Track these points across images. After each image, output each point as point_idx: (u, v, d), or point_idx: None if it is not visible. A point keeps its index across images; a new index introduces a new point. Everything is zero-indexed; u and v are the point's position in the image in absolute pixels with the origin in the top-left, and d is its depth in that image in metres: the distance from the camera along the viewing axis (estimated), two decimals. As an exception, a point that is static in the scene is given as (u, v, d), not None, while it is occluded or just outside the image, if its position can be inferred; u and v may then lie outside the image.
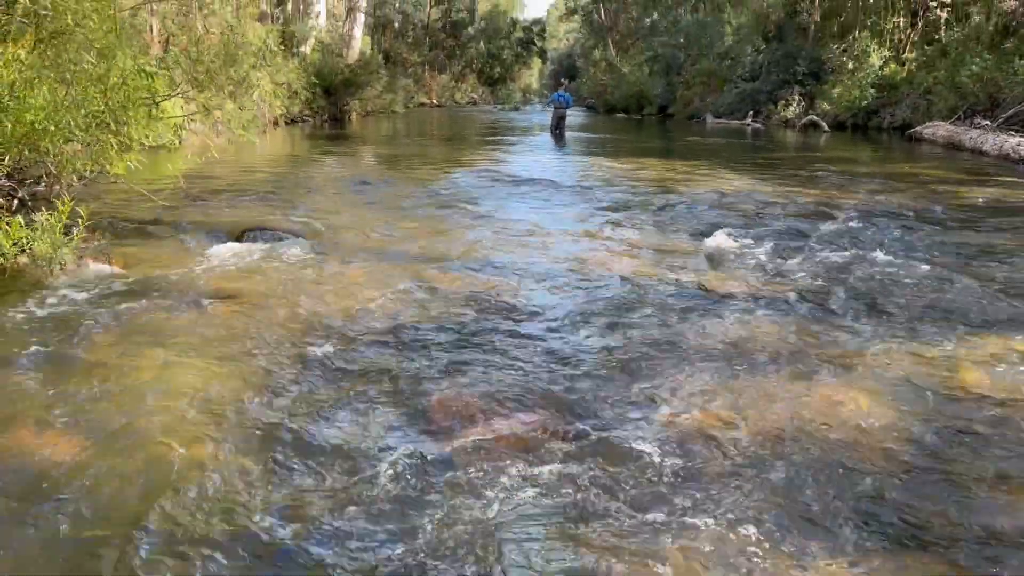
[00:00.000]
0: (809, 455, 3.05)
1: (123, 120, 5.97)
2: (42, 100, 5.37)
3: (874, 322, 4.63)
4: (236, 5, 22.10)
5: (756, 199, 9.20)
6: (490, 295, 5.22)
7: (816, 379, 3.78)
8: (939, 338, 4.32)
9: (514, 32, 67.57)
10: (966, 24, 22.00)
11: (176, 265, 5.87)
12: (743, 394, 3.61)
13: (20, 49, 5.82)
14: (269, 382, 3.71)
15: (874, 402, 3.52)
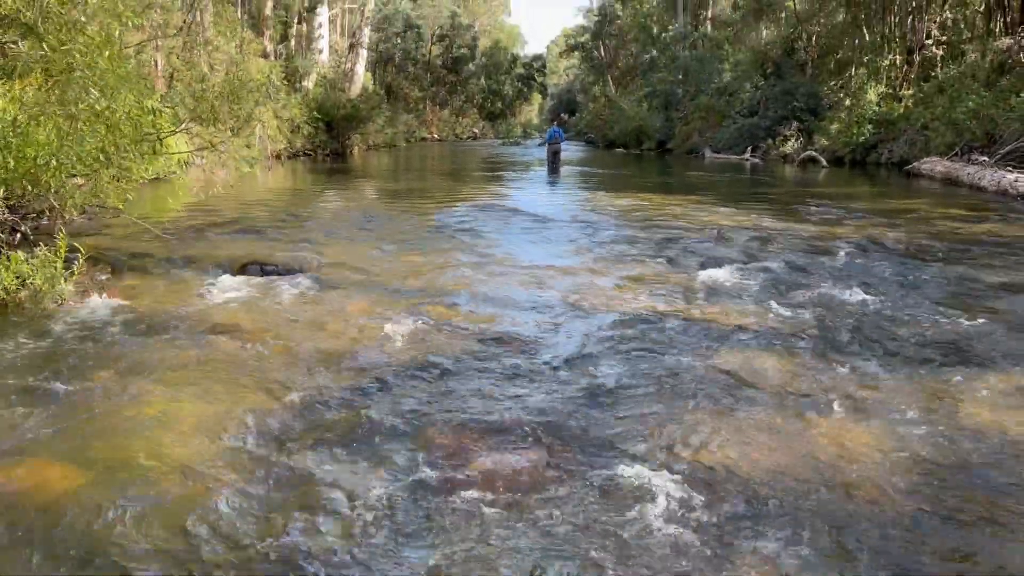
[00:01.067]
0: (812, 494, 3.03)
1: (125, 155, 6.01)
2: (45, 136, 5.41)
3: (876, 358, 4.61)
4: (240, 41, 22.37)
5: (755, 234, 9.23)
6: (488, 329, 5.21)
7: (818, 416, 3.76)
8: (941, 374, 4.30)
9: (515, 68, 68.32)
10: (962, 62, 22.25)
11: (176, 299, 5.87)
12: (743, 430, 3.59)
13: (27, 87, 5.88)
14: (266, 417, 3.69)
15: (877, 439, 3.49)
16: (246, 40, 24.41)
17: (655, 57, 41.97)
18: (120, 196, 6.29)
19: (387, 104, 39.87)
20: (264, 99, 8.01)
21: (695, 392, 4.07)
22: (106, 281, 6.26)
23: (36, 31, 6.75)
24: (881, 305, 5.82)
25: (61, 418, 3.60)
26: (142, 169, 6.33)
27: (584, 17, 60.32)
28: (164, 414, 3.70)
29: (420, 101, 55.82)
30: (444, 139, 55.98)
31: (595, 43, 56.77)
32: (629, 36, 50.72)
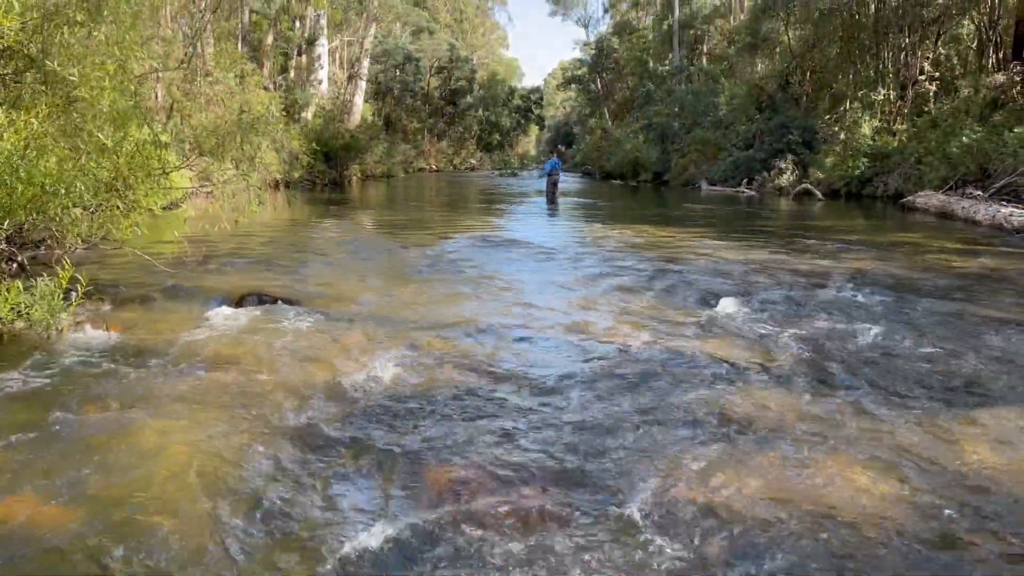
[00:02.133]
0: (810, 533, 3.01)
1: (133, 187, 6.04)
2: (52, 165, 5.43)
3: (874, 394, 4.61)
4: (240, 73, 22.56)
5: (752, 267, 9.25)
6: (487, 364, 5.20)
7: (816, 453, 3.74)
8: (941, 411, 4.29)
9: (512, 100, 68.97)
10: (955, 97, 22.50)
11: (173, 330, 5.86)
12: (743, 468, 3.57)
13: (33, 117, 5.91)
14: (262, 452, 3.66)
15: (877, 478, 3.48)
16: (246, 72, 24.62)
17: (651, 90, 42.40)
18: (128, 229, 6.29)
19: (385, 135, 40.19)
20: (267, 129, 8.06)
21: (693, 428, 4.06)
22: (103, 312, 6.24)
23: (39, 63, 6.82)
24: (879, 340, 5.83)
25: (54, 452, 3.58)
26: (151, 201, 6.34)
27: (581, 51, 61.04)
28: (159, 448, 3.67)
29: (418, 132, 56.27)
30: (442, 170, 56.31)
31: (592, 76, 57.37)
32: (626, 70, 51.32)
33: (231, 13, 28.34)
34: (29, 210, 5.51)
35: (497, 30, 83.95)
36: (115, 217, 6.19)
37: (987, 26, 23.57)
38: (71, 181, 5.43)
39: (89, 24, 6.49)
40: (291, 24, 33.00)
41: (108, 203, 6.17)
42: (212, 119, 16.70)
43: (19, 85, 7.01)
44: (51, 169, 5.36)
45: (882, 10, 25.68)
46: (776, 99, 31.15)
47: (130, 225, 6.23)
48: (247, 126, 7.37)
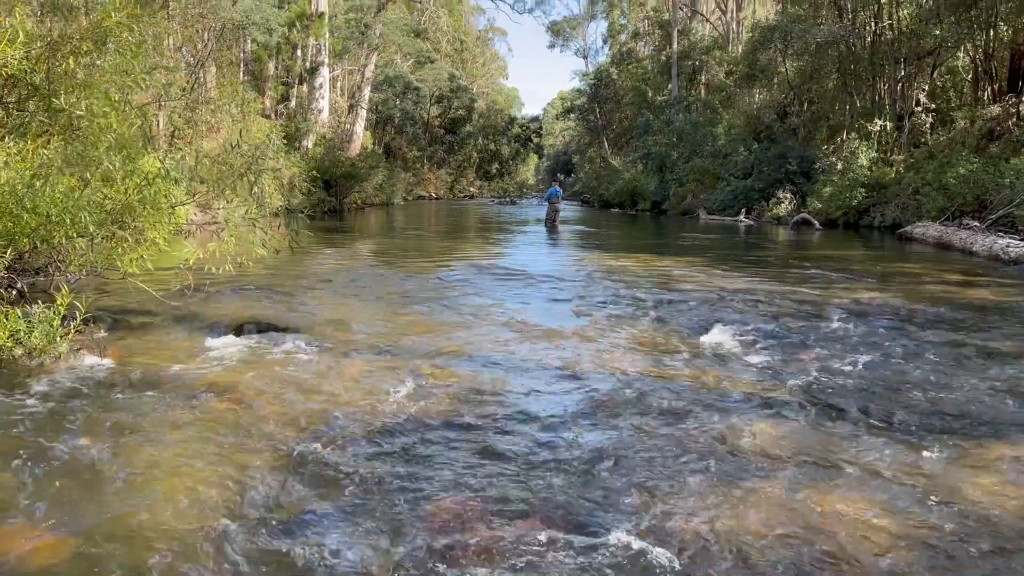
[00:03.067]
0: (809, 567, 2.98)
1: (141, 219, 6.06)
2: (59, 194, 5.45)
3: (873, 426, 4.59)
4: (242, 101, 22.73)
5: (751, 297, 9.26)
6: (486, 394, 5.18)
7: (815, 486, 3.72)
8: (940, 444, 4.27)
9: (512, 129, 69.43)
10: (951, 128, 22.67)
11: (172, 359, 5.85)
12: (743, 502, 3.55)
13: (40, 147, 5.95)
14: (260, 485, 3.64)
15: (878, 511, 3.45)
16: (247, 100, 24.81)
17: (650, 120, 42.68)
18: (134, 262, 6.29)
19: (385, 163, 40.38)
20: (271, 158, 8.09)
21: (692, 460, 4.04)
22: (102, 340, 6.23)
23: (42, 91, 6.87)
24: (878, 372, 5.82)
25: (49, 482, 3.55)
26: (158, 235, 6.35)
27: (580, 81, 61.58)
28: (155, 478, 3.65)
29: (418, 160, 56.53)
30: (441, 198, 56.52)
31: (591, 106, 57.81)
32: (624, 100, 51.71)
33: (233, 43, 28.61)
34: (33, 238, 5.52)
35: (497, 60, 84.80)
36: (121, 249, 6.19)
37: (982, 59, 23.81)
38: (77, 211, 5.44)
39: (93, 53, 6.55)
40: (291, 54, 33.31)
41: (114, 235, 6.18)
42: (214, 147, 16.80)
43: (22, 113, 7.06)
44: (57, 198, 5.38)
45: (878, 43, 25.96)
46: (774, 129, 31.37)
47: (136, 257, 6.23)
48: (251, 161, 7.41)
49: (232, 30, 25.12)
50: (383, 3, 39.01)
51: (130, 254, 6.20)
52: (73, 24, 6.83)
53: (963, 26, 22.78)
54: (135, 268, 6.27)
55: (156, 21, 16.44)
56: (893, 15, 25.33)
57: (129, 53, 6.53)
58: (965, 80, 26.21)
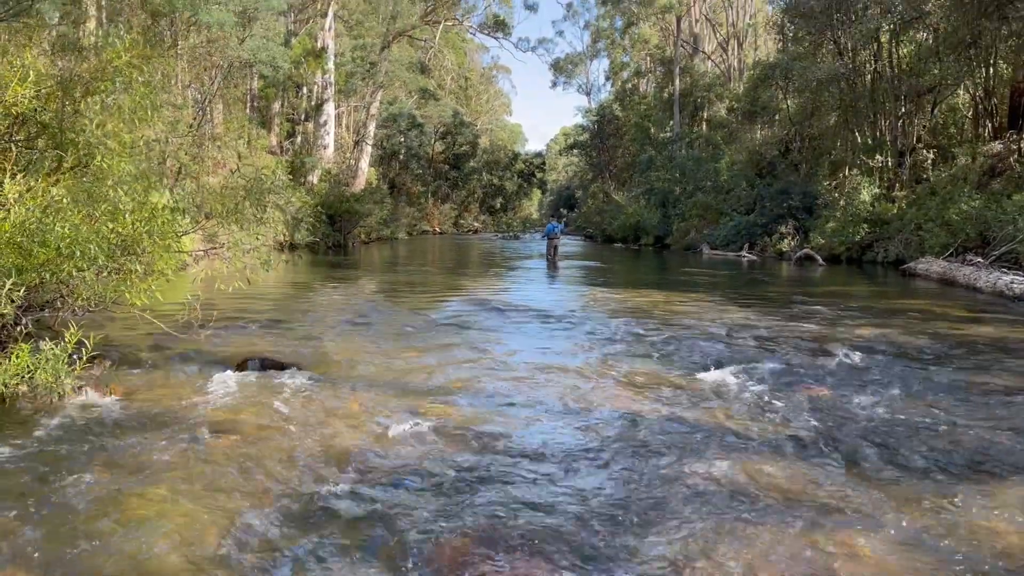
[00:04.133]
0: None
1: (148, 251, 6.09)
2: (68, 228, 5.48)
3: (881, 466, 4.56)
4: (248, 137, 22.95)
5: (755, 333, 9.24)
6: (490, 431, 5.16)
7: (823, 527, 3.68)
8: (948, 484, 4.23)
9: (515, 164, 69.93)
10: (952, 165, 22.79)
11: (175, 395, 5.84)
12: (749, 543, 3.51)
13: (51, 185, 6.01)
14: (260, 523, 3.61)
15: (886, 553, 3.41)
16: (253, 136, 25.04)
17: (653, 156, 42.98)
18: (143, 294, 6.30)
19: (390, 198, 40.63)
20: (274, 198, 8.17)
21: (698, 500, 4.00)
22: (105, 375, 6.23)
23: (52, 129, 6.95)
24: (884, 410, 5.78)
25: (49, 523, 3.53)
26: (165, 265, 6.38)
27: (583, 117, 62.17)
28: (156, 518, 3.62)
29: (422, 195, 56.90)
30: (445, 232, 56.77)
31: (594, 142, 58.27)
32: (627, 136, 52.12)
33: (240, 80, 28.98)
34: (42, 272, 5.55)
35: (501, 97, 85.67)
36: (130, 280, 6.21)
37: (982, 96, 24.01)
38: (86, 243, 5.47)
39: (103, 92, 6.64)
40: (296, 92, 33.70)
41: (123, 267, 6.21)
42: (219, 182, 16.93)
43: (31, 151, 7.13)
44: (66, 233, 5.41)
45: (878, 80, 26.21)
46: (776, 165, 31.58)
47: (145, 290, 6.25)
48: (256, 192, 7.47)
49: (239, 68, 25.45)
50: (388, 41, 39.56)
51: (139, 285, 6.22)
52: (84, 64, 6.91)
53: (963, 64, 23.01)
54: (143, 299, 6.29)
55: (165, 60, 16.68)
56: (893, 53, 25.61)
57: (138, 93, 6.62)
58: (966, 117, 26.41)
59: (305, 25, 35.08)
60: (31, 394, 5.42)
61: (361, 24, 40.13)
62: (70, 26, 15.45)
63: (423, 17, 41.70)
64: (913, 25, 24.14)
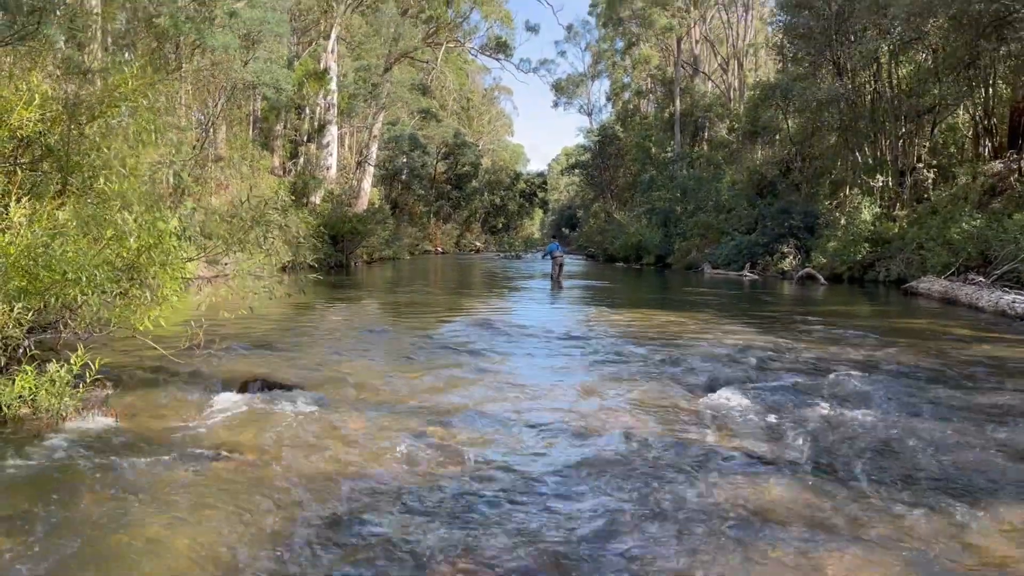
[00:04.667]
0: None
1: (154, 276, 6.11)
2: (74, 252, 5.51)
3: (885, 488, 4.54)
4: (250, 159, 23.07)
5: (757, 353, 9.23)
6: (489, 453, 5.15)
7: (828, 550, 3.67)
8: (953, 506, 4.21)
9: (517, 184, 70.22)
10: (953, 184, 22.85)
11: (177, 417, 5.84)
12: (752, 564, 3.50)
13: (56, 208, 6.05)
14: (261, 548, 3.60)
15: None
16: (256, 158, 25.17)
17: (654, 176, 43.16)
18: (148, 320, 6.31)
19: (392, 218, 40.76)
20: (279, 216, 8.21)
21: (701, 523, 3.99)
22: (107, 397, 6.23)
23: (57, 153, 7.01)
24: (888, 431, 5.77)
25: (49, 546, 3.52)
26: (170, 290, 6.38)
27: (585, 137, 62.50)
28: (155, 542, 3.61)
29: (424, 215, 57.09)
30: (447, 252, 56.90)
31: (595, 161, 58.51)
32: (628, 156, 52.36)
33: (243, 102, 29.17)
34: (47, 296, 5.56)
35: (502, 118, 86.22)
36: (135, 305, 6.22)
37: (982, 116, 24.12)
38: (91, 268, 5.49)
39: (108, 116, 6.70)
40: (299, 113, 33.91)
41: (128, 291, 6.22)
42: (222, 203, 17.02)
43: (35, 174, 7.18)
44: (71, 257, 5.44)
45: (878, 100, 26.35)
46: (777, 185, 31.68)
47: (151, 316, 6.26)
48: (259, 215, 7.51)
49: (242, 89, 25.63)
50: (391, 63, 39.85)
51: (144, 310, 6.22)
52: (90, 87, 6.98)
53: (962, 84, 23.14)
54: (148, 326, 6.30)
55: (169, 83, 16.81)
56: (892, 74, 25.76)
57: (143, 118, 6.67)
58: (965, 136, 26.52)
59: (308, 47, 35.38)
60: (33, 416, 5.42)
61: (363, 46, 40.46)
62: (75, 49, 15.60)
63: (425, 39, 42.03)
64: (912, 46, 24.29)
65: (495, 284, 24.62)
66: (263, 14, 21.25)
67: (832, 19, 25.93)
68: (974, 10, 19.17)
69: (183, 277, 6.58)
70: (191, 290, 9.03)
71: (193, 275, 8.77)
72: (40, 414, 5.43)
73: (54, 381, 5.30)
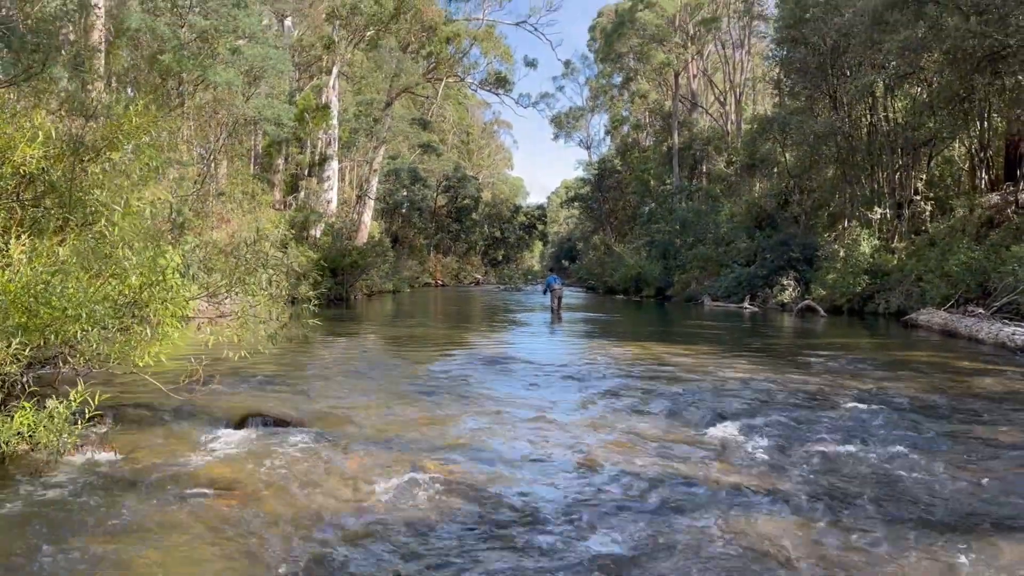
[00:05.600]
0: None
1: (156, 313, 6.12)
2: (74, 289, 5.52)
3: (888, 524, 4.51)
4: (252, 193, 23.20)
5: (758, 387, 9.21)
6: (490, 491, 5.12)
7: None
8: (955, 543, 4.19)
9: (517, 217, 70.52)
10: (950, 216, 22.95)
11: (175, 453, 5.81)
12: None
13: (57, 244, 6.08)
14: (262, 586, 3.57)
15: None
16: (257, 192, 25.32)
17: (653, 208, 43.38)
18: (149, 357, 6.30)
19: (392, 251, 40.87)
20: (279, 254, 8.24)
21: (704, 561, 3.96)
22: (106, 433, 6.21)
23: (60, 189, 7.05)
24: (890, 465, 5.74)
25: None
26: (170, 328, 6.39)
27: (584, 170, 62.84)
28: (155, 581, 3.59)
29: (424, 248, 57.26)
30: (447, 284, 56.95)
31: (594, 194, 58.82)
32: (628, 188, 52.67)
33: (245, 136, 29.41)
34: (47, 333, 5.57)
35: (502, 151, 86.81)
36: (136, 341, 6.23)
37: (977, 148, 24.30)
38: (92, 304, 5.51)
39: (111, 153, 6.76)
40: (300, 148, 34.17)
41: (129, 328, 6.22)
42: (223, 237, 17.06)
43: (36, 210, 7.22)
44: (71, 294, 5.46)
45: (874, 134, 26.57)
46: (775, 217, 31.81)
47: (151, 352, 6.26)
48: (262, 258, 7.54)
49: (243, 124, 25.87)
50: (392, 98, 40.24)
51: (145, 347, 6.22)
52: (93, 124, 7.05)
53: (957, 118, 23.35)
54: (148, 362, 6.30)
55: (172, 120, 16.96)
56: (888, 107, 26.00)
57: (146, 155, 6.73)
58: (962, 169, 26.69)
59: (310, 82, 35.75)
60: (32, 452, 5.40)
61: (365, 80, 40.89)
62: (79, 86, 15.77)
63: (425, 74, 42.48)
64: (907, 80, 24.55)
65: (495, 317, 24.62)
66: (265, 51, 21.51)
67: (828, 54, 26.25)
68: (968, 45, 19.40)
69: (184, 315, 6.59)
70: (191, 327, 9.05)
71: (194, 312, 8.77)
72: (39, 451, 5.41)
73: (53, 417, 5.28)
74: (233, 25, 19.89)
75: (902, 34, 20.71)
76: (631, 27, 44.64)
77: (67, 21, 16.35)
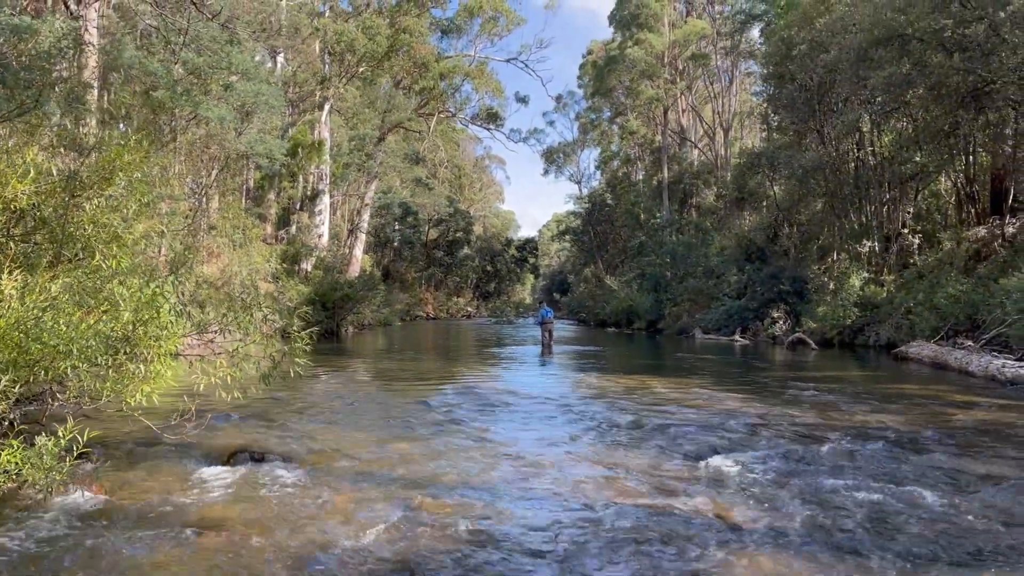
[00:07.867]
0: None
1: (147, 349, 6.10)
2: (65, 325, 5.51)
3: (877, 557, 4.49)
4: (243, 228, 23.22)
5: (750, 420, 9.21)
6: (481, 526, 5.08)
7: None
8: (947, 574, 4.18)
9: (508, 250, 70.73)
10: (938, 249, 23.14)
11: (163, 491, 5.76)
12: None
13: (48, 281, 6.07)
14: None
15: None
16: (249, 226, 25.35)
17: (644, 242, 43.57)
18: (140, 396, 6.26)
19: (383, 284, 40.87)
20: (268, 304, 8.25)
21: (695, 597, 3.93)
22: (95, 471, 6.15)
23: (51, 224, 7.06)
24: (881, 499, 5.73)
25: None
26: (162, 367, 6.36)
27: (575, 204, 63.22)
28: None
29: (416, 281, 57.29)
30: (439, 317, 56.88)
31: (585, 228, 59.12)
32: (618, 222, 52.96)
33: (237, 171, 29.52)
34: (36, 369, 5.54)
35: (493, 185, 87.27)
36: (127, 379, 6.19)
37: (964, 182, 24.58)
38: (83, 341, 5.49)
39: (103, 189, 6.78)
40: (292, 182, 34.31)
41: (121, 365, 6.19)
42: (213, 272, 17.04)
43: (26, 245, 7.22)
44: (62, 330, 5.44)
45: (861, 167, 26.87)
46: (765, 250, 32.00)
47: (146, 391, 6.23)
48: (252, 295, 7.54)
49: (235, 159, 25.96)
50: (384, 134, 40.52)
51: (136, 384, 6.18)
52: (85, 160, 7.08)
53: (943, 152, 23.65)
54: (139, 400, 6.26)
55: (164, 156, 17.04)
56: (875, 142, 26.33)
57: (138, 191, 6.76)
58: (948, 203, 26.96)
59: (302, 117, 35.99)
60: (18, 490, 5.34)
61: (357, 116, 41.18)
62: (72, 122, 15.83)
63: (417, 110, 42.82)
64: (893, 115, 24.89)
65: (486, 350, 24.57)
66: (258, 87, 21.66)
67: (815, 90, 26.62)
68: (952, 81, 19.72)
69: (175, 353, 6.56)
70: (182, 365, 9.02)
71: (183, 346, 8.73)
72: (26, 488, 5.34)
73: (41, 455, 5.23)
74: (226, 62, 20.05)
75: (887, 70, 21.04)
76: (621, 63, 45.21)
77: (61, 58, 16.44)
